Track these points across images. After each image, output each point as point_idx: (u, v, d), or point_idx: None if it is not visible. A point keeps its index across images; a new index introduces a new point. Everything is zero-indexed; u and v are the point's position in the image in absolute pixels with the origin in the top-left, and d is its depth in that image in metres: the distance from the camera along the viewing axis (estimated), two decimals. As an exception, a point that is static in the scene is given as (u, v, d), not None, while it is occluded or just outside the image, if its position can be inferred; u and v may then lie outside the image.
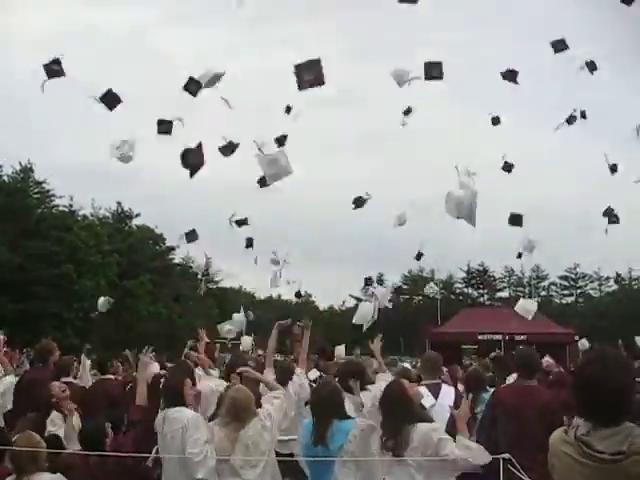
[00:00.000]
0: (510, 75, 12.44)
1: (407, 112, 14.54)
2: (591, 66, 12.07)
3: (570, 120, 13.07)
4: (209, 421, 5.53)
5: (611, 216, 14.25)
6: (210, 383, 7.35)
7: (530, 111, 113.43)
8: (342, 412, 5.28)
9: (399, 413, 4.97)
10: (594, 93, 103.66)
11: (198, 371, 7.75)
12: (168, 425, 5.22)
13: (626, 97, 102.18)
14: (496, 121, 13.97)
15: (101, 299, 21.31)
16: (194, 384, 5.95)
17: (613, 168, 13.33)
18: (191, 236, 14.79)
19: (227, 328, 16.78)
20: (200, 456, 4.95)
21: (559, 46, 11.60)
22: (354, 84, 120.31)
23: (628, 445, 2.59)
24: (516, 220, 14.77)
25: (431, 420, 5.19)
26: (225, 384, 6.86)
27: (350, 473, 4.94)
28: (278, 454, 5.62)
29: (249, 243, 16.47)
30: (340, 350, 15.30)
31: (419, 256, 18.66)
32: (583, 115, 13.27)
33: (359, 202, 14.89)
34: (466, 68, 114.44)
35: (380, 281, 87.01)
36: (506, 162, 14.09)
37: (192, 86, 9.73)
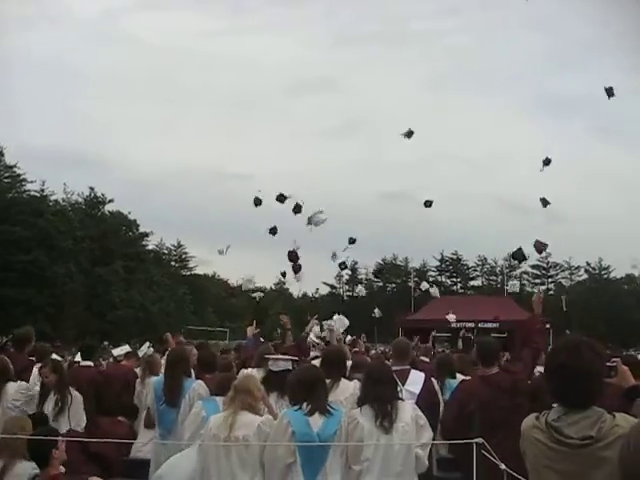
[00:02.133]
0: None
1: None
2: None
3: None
4: None
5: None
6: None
7: (505, 103, 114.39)
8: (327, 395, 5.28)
9: (389, 389, 5.08)
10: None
11: None
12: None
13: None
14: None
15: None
16: None
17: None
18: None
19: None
20: None
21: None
22: (336, 69, 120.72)
23: (597, 430, 2.62)
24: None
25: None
26: None
27: (340, 463, 4.93)
28: None
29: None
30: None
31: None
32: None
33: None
34: (448, 57, 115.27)
35: (354, 269, 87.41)
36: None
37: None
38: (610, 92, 13.65)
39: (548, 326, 29.92)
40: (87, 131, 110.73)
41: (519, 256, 14.97)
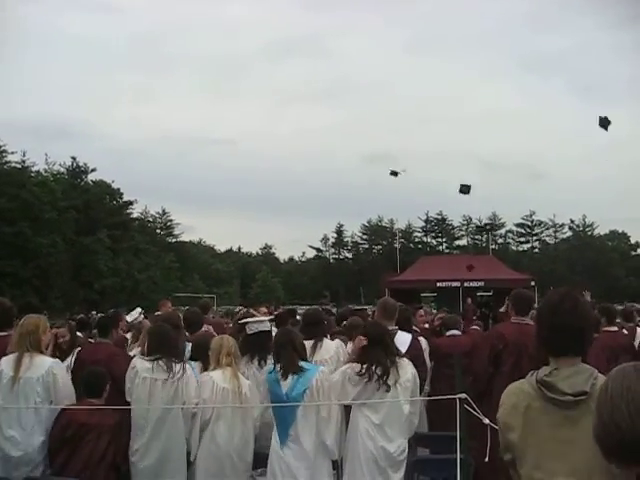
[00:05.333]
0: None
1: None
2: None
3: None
4: None
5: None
6: None
7: (487, 64, 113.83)
8: (304, 356, 5.37)
9: (389, 347, 5.19)
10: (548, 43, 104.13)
11: None
12: None
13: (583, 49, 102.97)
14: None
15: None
16: None
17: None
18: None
19: None
20: None
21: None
22: (318, 33, 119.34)
23: (590, 386, 2.60)
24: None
25: None
26: None
27: (312, 422, 5.01)
28: None
29: None
30: None
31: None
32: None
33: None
34: (428, 19, 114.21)
35: (339, 232, 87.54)
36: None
37: None
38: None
39: (533, 284, 30.28)
40: (67, 101, 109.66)
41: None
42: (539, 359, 5.75)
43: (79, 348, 6.57)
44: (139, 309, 9.86)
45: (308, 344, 6.03)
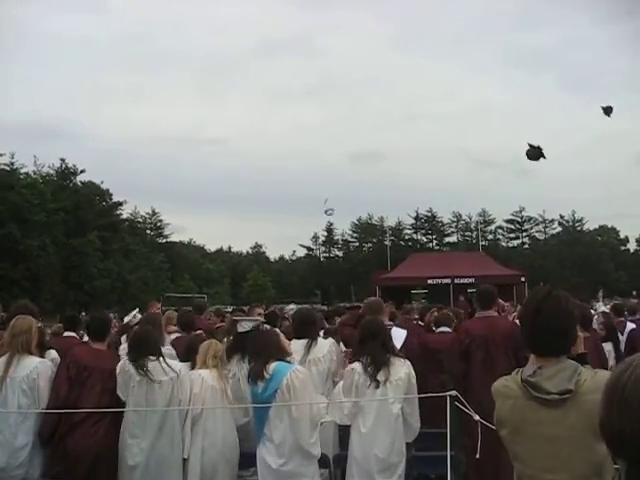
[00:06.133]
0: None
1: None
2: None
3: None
4: None
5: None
6: None
7: (475, 60, 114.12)
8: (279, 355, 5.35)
9: (385, 343, 5.23)
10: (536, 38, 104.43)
11: None
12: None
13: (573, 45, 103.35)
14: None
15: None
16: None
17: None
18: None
19: None
20: None
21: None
22: (307, 30, 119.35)
23: (574, 383, 2.63)
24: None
25: None
26: None
27: (284, 422, 5.03)
28: None
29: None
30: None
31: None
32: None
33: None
34: (416, 15, 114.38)
35: (330, 230, 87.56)
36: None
37: None
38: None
39: (523, 279, 30.42)
40: (56, 101, 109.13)
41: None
42: (508, 348, 5.88)
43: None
44: (137, 309, 9.87)
45: (301, 343, 6.07)
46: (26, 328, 5.47)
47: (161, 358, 5.52)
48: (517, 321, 4.63)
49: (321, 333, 6.91)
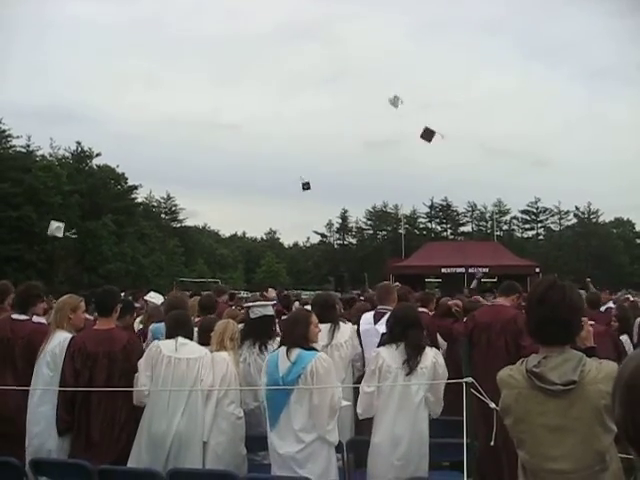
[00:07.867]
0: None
1: None
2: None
3: None
4: None
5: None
6: None
7: (492, 49, 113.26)
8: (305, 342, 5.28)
9: (418, 333, 5.20)
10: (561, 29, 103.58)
11: None
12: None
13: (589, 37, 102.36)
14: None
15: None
16: None
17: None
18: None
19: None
20: None
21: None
22: (325, 18, 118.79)
23: (579, 374, 2.64)
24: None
25: None
26: None
27: (305, 408, 4.96)
28: None
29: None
30: None
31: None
32: None
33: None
34: (434, 4, 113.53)
35: (344, 217, 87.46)
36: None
37: None
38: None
39: (538, 270, 30.29)
40: (72, 85, 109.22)
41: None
42: (508, 334, 5.90)
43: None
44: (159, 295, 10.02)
45: (324, 328, 6.00)
46: (61, 305, 5.77)
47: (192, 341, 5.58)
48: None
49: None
